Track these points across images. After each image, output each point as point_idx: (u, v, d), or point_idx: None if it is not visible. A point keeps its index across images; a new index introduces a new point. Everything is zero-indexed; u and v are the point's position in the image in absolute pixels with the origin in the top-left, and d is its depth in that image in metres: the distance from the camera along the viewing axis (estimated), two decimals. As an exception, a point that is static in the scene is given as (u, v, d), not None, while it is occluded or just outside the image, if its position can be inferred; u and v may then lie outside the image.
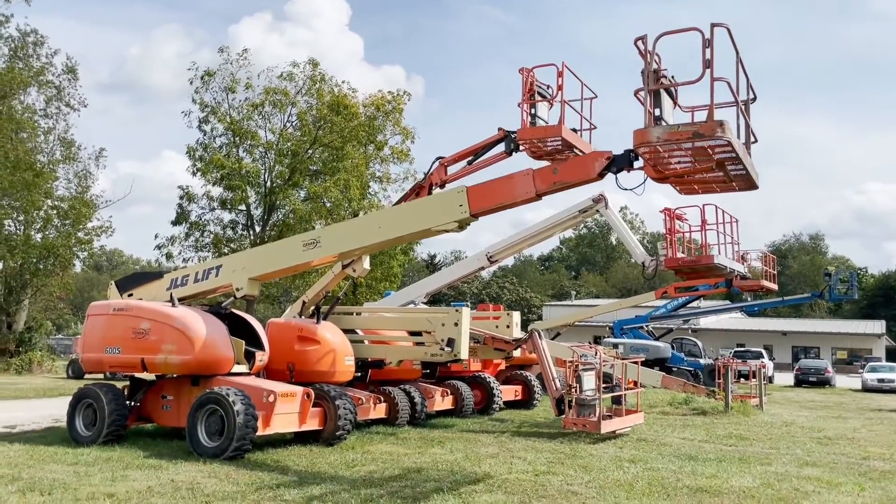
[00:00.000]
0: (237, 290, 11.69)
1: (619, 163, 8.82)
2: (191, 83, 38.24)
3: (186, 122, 39.01)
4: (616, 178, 9.41)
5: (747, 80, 8.54)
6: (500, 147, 12.95)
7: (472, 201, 9.68)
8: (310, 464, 10.04)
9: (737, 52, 8.06)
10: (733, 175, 8.67)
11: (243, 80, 38.55)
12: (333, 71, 76.51)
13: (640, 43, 8.08)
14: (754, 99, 8.86)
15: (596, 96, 11.65)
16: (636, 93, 8.31)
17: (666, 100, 8.53)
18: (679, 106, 8.81)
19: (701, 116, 8.19)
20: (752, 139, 8.83)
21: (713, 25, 7.75)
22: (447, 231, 10.40)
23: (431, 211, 10.33)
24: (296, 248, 11.42)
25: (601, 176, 9.06)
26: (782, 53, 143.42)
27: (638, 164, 8.72)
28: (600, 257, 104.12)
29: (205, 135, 38.88)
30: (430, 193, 14.40)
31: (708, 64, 7.73)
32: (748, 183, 8.94)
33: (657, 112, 8.24)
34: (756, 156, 8.64)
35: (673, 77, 8.66)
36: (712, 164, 8.38)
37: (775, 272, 24.28)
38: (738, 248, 19.33)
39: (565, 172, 9.29)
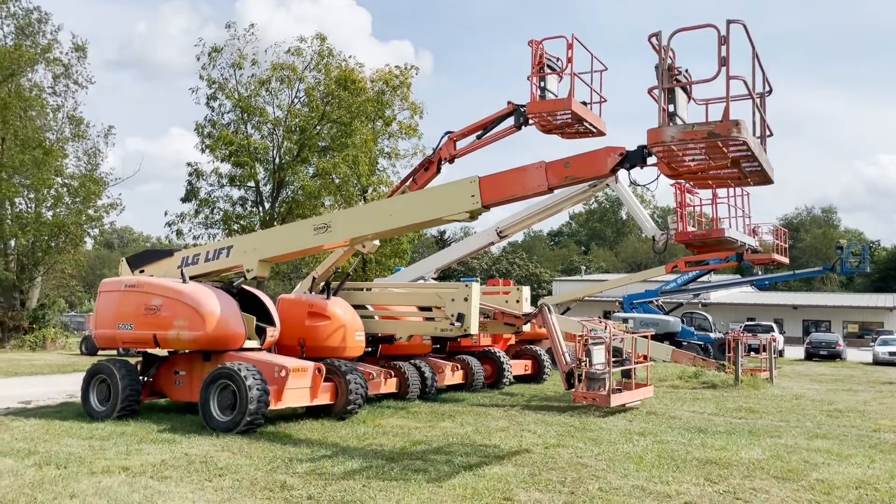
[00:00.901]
0: (247, 271, 11.75)
1: (633, 159, 8.72)
2: (198, 59, 38.14)
3: (194, 99, 39.01)
4: (629, 173, 9.39)
5: (763, 73, 8.42)
6: (510, 121, 12.86)
7: (484, 192, 9.62)
8: (322, 437, 10.14)
9: (753, 48, 7.94)
10: (748, 171, 8.61)
11: (250, 55, 38.44)
12: (341, 46, 76.27)
13: (654, 39, 7.98)
14: (770, 91, 8.75)
15: (606, 68, 11.54)
16: (650, 91, 8.23)
17: (680, 94, 8.45)
18: (693, 99, 8.71)
19: (716, 111, 8.15)
20: (768, 133, 8.74)
21: (729, 22, 7.63)
22: (458, 220, 10.39)
23: (443, 200, 10.29)
24: (307, 232, 11.44)
25: (613, 172, 9.00)
26: (796, 23, 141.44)
27: (651, 160, 8.63)
28: (610, 232, 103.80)
29: (213, 111, 38.88)
30: (438, 169, 14.38)
31: (724, 62, 7.63)
32: (763, 178, 8.87)
33: (671, 108, 8.17)
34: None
35: (687, 71, 8.57)
36: (727, 161, 8.31)
37: (787, 246, 24.14)
38: (749, 221, 19.23)
39: (577, 167, 9.22)
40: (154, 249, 13.48)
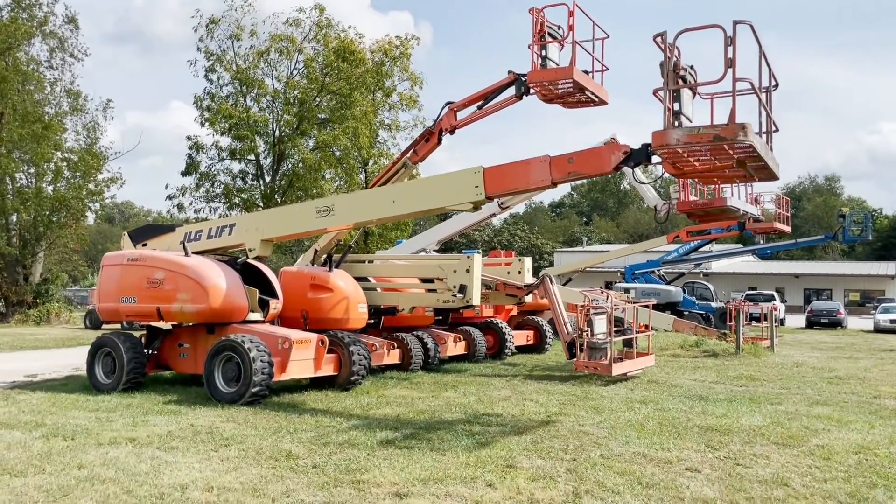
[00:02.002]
0: (249, 250, 11.78)
1: (637, 157, 8.67)
2: (195, 31, 37.82)
3: (192, 72, 38.90)
4: (633, 171, 9.36)
5: (769, 70, 8.34)
6: (511, 91, 12.76)
7: (488, 183, 9.59)
8: (326, 408, 10.23)
9: (760, 48, 7.85)
10: (754, 169, 8.60)
11: (248, 26, 38.06)
12: (340, 17, 75.06)
13: (659, 39, 7.89)
14: (776, 86, 8.67)
15: (608, 36, 11.43)
16: (655, 92, 8.16)
17: (685, 90, 8.39)
18: (699, 94, 8.65)
19: (721, 108, 8.10)
20: (774, 128, 8.69)
21: (735, 23, 7.55)
22: (461, 210, 10.36)
23: (447, 189, 10.28)
24: (310, 213, 11.47)
25: (616, 169, 8.97)
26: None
27: (656, 159, 8.59)
28: (612, 203, 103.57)
29: (211, 84, 38.62)
30: (439, 140, 14.31)
31: (730, 63, 7.55)
32: (769, 175, 8.88)
33: (676, 106, 8.13)
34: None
35: (693, 68, 8.49)
36: (732, 162, 8.30)
37: (789, 214, 24.09)
38: (751, 190, 19.19)
39: (581, 163, 9.19)
40: (156, 224, 13.50)
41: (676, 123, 8.06)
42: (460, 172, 10.12)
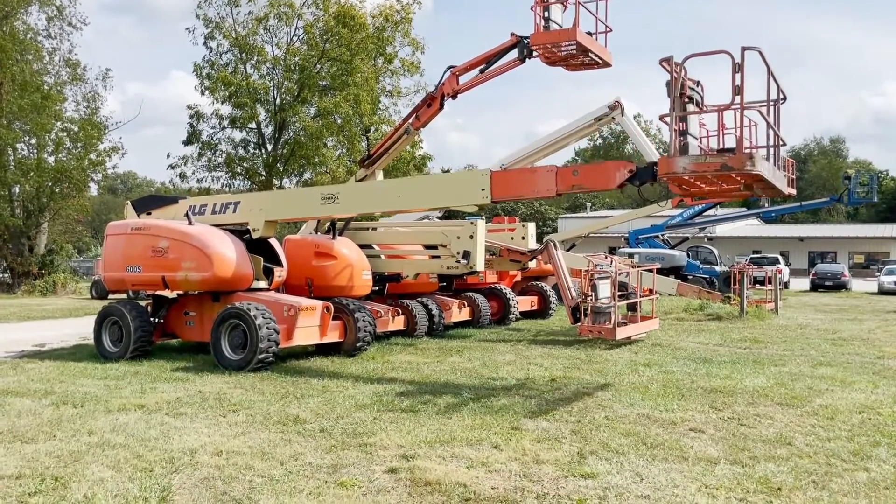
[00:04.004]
0: (253, 230, 11.80)
1: (642, 176, 8.61)
2: (193, -2, 37.31)
3: (191, 40, 38.90)
4: (639, 189, 9.35)
5: (777, 86, 8.22)
6: (513, 54, 12.60)
7: (494, 188, 9.58)
8: (332, 374, 10.30)
9: (768, 70, 7.73)
10: (761, 189, 8.65)
11: (246, -9, 37.52)
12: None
13: (665, 64, 7.77)
14: (784, 99, 8.58)
15: (612, -5, 11.23)
16: (662, 117, 8.10)
17: (691, 106, 8.33)
18: (705, 109, 8.57)
19: (728, 122, 8.09)
20: (781, 142, 8.63)
21: (744, 49, 7.42)
22: (465, 211, 10.35)
23: (453, 190, 10.35)
24: (314, 199, 11.50)
25: (621, 187, 8.93)
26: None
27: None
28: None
29: (211, 51, 38.29)
30: (441, 105, 14.19)
31: (738, 90, 7.45)
32: (776, 193, 8.93)
33: (682, 126, 8.08)
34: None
35: (699, 84, 8.40)
36: (740, 186, 8.33)
37: (794, 177, 23.91)
38: (756, 153, 18.99)
39: (585, 178, 9.18)
40: (159, 195, 13.48)
41: (682, 142, 8.02)
42: (468, 173, 10.18)
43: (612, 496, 5.17)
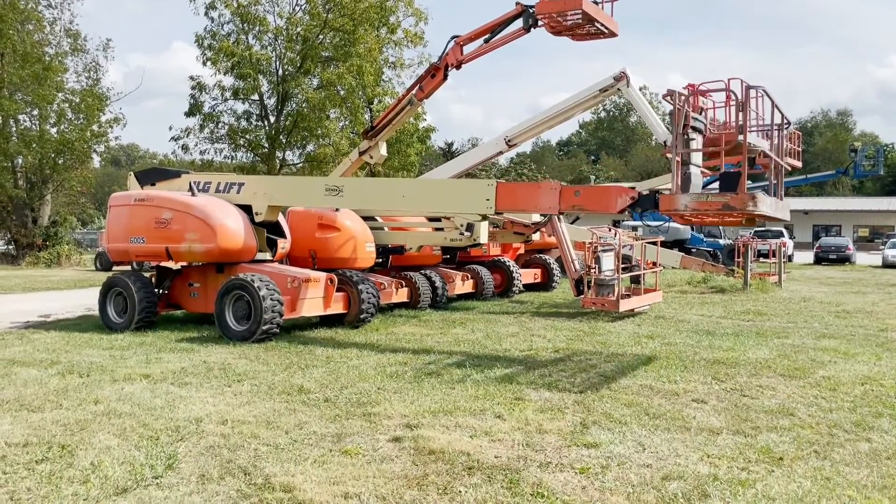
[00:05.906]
0: (256, 213, 11.77)
1: (644, 203, 8.67)
2: (194, -33, 36.87)
3: (193, 10, 38.43)
4: (641, 217, 9.37)
5: (782, 115, 8.15)
6: (518, 23, 12.49)
7: (499, 199, 9.62)
8: (336, 345, 10.35)
9: (773, 104, 7.65)
10: (762, 220, 8.79)
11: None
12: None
13: (668, 99, 7.69)
14: (788, 125, 8.52)
15: (618, -36, 11.06)
16: (664, 153, 8.10)
17: (695, 134, 8.31)
18: (709, 128, 8.52)
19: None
20: (785, 168, 8.63)
21: (748, 87, 7.32)
22: (468, 219, 10.28)
23: (459, 197, 10.37)
24: (318, 190, 11.51)
25: (621, 212, 8.93)
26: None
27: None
28: (620, 140, 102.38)
29: (212, 21, 37.97)
30: (445, 75, 14.09)
31: (741, 129, 7.38)
32: (777, 222, 8.97)
33: (685, 154, 8.12)
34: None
35: (703, 111, 8.35)
36: (741, 219, 8.44)
37: (800, 150, 23.75)
38: (762, 125, 18.83)
39: (587, 200, 9.20)
40: (162, 168, 13.42)
41: (685, 173, 8.00)
42: (474, 182, 10.21)
43: (615, 465, 5.20)
